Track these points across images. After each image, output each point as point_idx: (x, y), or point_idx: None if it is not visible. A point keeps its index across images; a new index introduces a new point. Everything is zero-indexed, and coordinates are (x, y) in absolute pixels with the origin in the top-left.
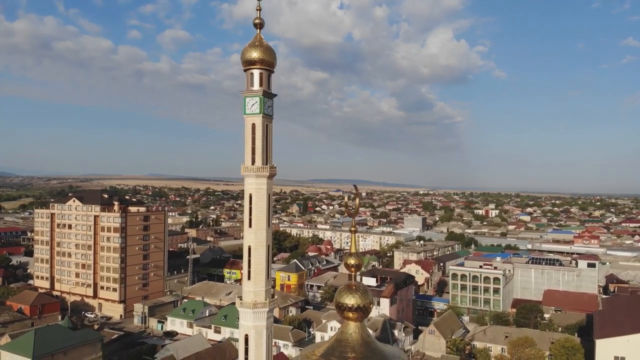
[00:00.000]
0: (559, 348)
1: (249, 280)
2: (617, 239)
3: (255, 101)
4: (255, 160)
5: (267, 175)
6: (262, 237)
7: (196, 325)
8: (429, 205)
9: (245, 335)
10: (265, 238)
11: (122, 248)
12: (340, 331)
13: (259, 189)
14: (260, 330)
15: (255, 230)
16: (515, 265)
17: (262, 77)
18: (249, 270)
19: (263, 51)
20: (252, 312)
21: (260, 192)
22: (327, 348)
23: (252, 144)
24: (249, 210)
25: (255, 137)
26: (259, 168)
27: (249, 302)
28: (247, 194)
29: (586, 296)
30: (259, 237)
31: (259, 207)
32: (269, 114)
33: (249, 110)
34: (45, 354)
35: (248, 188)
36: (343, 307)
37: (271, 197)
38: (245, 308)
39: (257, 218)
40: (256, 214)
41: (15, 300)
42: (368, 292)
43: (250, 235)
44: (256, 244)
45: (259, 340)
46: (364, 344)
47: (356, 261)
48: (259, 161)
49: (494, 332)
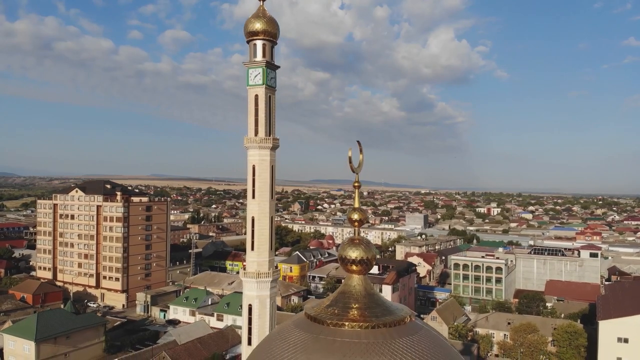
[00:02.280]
0: (562, 333)
1: (252, 251)
2: (619, 235)
3: (258, 72)
4: (258, 131)
5: (270, 147)
6: (265, 208)
7: (198, 313)
8: (431, 203)
9: (248, 305)
10: (269, 209)
11: (124, 237)
12: (344, 284)
13: (262, 160)
14: (264, 299)
15: (258, 202)
16: (517, 256)
17: (265, 48)
18: (253, 240)
19: (266, 22)
20: (255, 281)
21: (264, 163)
22: (331, 300)
23: (255, 116)
24: (252, 181)
25: (258, 109)
26: (262, 139)
27: (252, 272)
28: (250, 166)
29: (589, 286)
30: (262, 208)
31: (262, 178)
32: (272, 85)
33: (252, 81)
34: (48, 337)
35: (251, 159)
36: (346, 261)
37: (274, 168)
38: (249, 278)
39: (260, 189)
40: (259, 186)
41: (18, 289)
42: (371, 246)
43: (254, 206)
44: (260, 214)
45: (262, 310)
46: (367, 295)
47: (360, 216)
48: (262, 132)
49: (497, 318)
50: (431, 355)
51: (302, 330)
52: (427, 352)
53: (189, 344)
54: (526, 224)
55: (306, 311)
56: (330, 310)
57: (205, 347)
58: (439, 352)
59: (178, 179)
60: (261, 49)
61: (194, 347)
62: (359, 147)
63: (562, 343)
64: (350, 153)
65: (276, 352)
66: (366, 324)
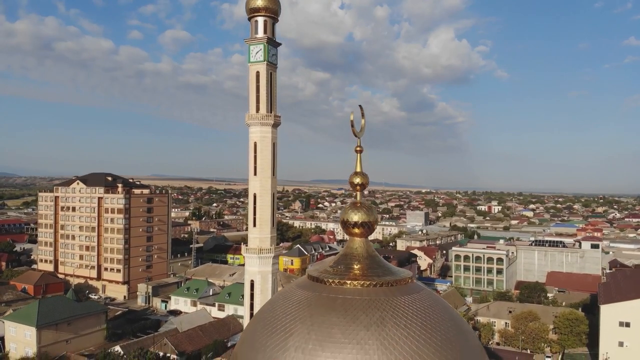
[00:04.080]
0: (563, 320)
1: (254, 227)
2: (620, 232)
3: (259, 49)
4: (260, 108)
5: (272, 124)
6: (267, 185)
7: (200, 304)
8: (432, 202)
9: (250, 281)
10: (270, 186)
11: (125, 229)
12: (346, 246)
13: (264, 137)
14: (266, 275)
15: (260, 178)
16: (518, 248)
17: (267, 25)
18: (254, 217)
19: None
20: (257, 257)
21: (265, 140)
22: (334, 261)
23: (257, 92)
24: (254, 158)
25: (260, 85)
26: (263, 116)
27: (254, 248)
28: (251, 143)
29: (590, 277)
30: (264, 185)
31: (264, 155)
32: (273, 62)
33: (253, 58)
34: (49, 323)
35: (252, 136)
36: (348, 224)
37: (276, 146)
38: (251, 254)
39: (262, 166)
40: (261, 162)
41: (19, 280)
42: (373, 210)
43: (256, 183)
44: (261, 191)
45: (264, 285)
46: (369, 257)
47: (362, 179)
48: (264, 109)
49: (498, 307)
50: (433, 312)
51: (304, 289)
52: (428, 310)
53: (190, 331)
54: (527, 221)
55: (308, 273)
56: (332, 271)
57: (207, 335)
58: (440, 310)
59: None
60: (262, 26)
61: (195, 334)
62: (361, 111)
63: (563, 330)
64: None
65: (279, 311)
66: (368, 282)
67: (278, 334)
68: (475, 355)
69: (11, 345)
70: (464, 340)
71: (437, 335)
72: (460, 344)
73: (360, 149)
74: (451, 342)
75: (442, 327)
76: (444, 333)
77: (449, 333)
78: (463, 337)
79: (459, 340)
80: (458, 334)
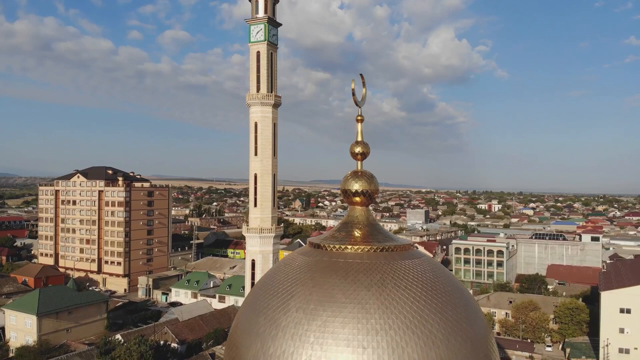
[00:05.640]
0: (564, 309)
1: (255, 207)
2: (620, 230)
3: (260, 28)
4: (260, 87)
5: (272, 104)
6: (267, 165)
7: (200, 296)
8: (432, 201)
9: (252, 260)
10: (271, 166)
11: (126, 222)
12: (347, 215)
13: (264, 117)
14: (267, 255)
15: (261, 158)
16: (518, 241)
17: (267, 5)
18: (255, 197)
19: None
20: (258, 236)
21: (266, 120)
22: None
23: (257, 72)
24: (255, 138)
25: (260, 65)
26: (264, 95)
27: (255, 227)
28: (252, 123)
29: (590, 270)
30: (264, 165)
31: (265, 135)
32: (274, 42)
33: (253, 38)
34: (50, 312)
35: (253, 116)
36: (349, 193)
37: (277, 126)
38: (252, 233)
39: (262, 146)
40: (262, 142)
41: (19, 272)
42: (374, 179)
43: (256, 163)
44: (262, 171)
45: (265, 265)
46: (370, 224)
47: (362, 149)
48: (264, 89)
49: (498, 297)
50: (434, 276)
51: (305, 255)
52: (429, 273)
53: (190, 320)
54: (527, 219)
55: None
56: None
57: (207, 324)
58: (441, 275)
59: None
60: (263, 5)
61: (195, 323)
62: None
63: (564, 319)
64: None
65: (280, 276)
66: (369, 246)
67: (279, 296)
68: (476, 317)
69: (11, 334)
70: (465, 303)
71: (438, 297)
72: (462, 306)
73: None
74: (452, 304)
75: (443, 290)
76: (445, 295)
77: (450, 296)
78: (464, 300)
79: (460, 303)
80: (459, 297)
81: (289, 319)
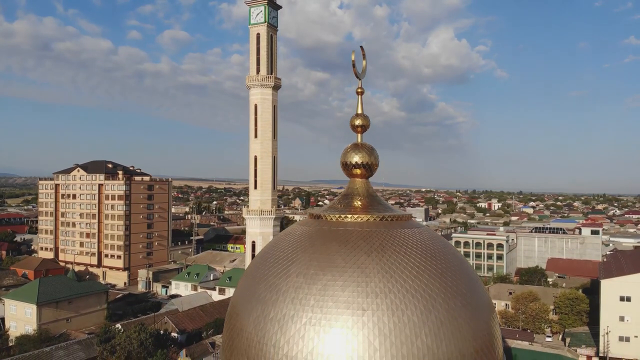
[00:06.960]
0: (564, 300)
1: (255, 189)
2: (620, 227)
3: (260, 10)
4: (260, 69)
5: (272, 86)
6: (267, 147)
7: (200, 288)
8: (432, 200)
9: (252, 242)
10: (271, 148)
11: (126, 216)
12: (347, 187)
13: (264, 99)
14: (267, 237)
15: (261, 141)
16: (518, 234)
17: None
18: (255, 179)
19: None
20: (259, 218)
21: (266, 102)
22: (334, 201)
23: (257, 54)
24: (255, 120)
25: (260, 47)
26: (263, 77)
27: (255, 209)
28: (252, 105)
29: (590, 263)
30: (264, 147)
31: (264, 117)
32: (274, 24)
33: (253, 20)
34: (50, 301)
35: (253, 99)
36: (349, 165)
37: (276, 109)
38: (252, 215)
39: (262, 128)
40: (262, 125)
41: (20, 265)
42: (374, 151)
43: (256, 145)
44: (262, 153)
45: None
46: (369, 196)
47: (362, 121)
48: (264, 71)
49: (498, 289)
50: (432, 244)
51: (306, 226)
52: (428, 242)
53: (190, 311)
54: (527, 217)
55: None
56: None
57: (207, 314)
58: (440, 243)
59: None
60: None
61: (195, 313)
62: (362, 52)
63: (564, 310)
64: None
65: (281, 245)
66: (368, 216)
67: (280, 263)
68: (477, 286)
69: (11, 323)
70: (466, 272)
71: (438, 263)
72: (462, 273)
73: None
74: (452, 270)
75: (443, 258)
76: (445, 262)
77: (450, 263)
78: (464, 269)
79: (460, 271)
80: (459, 266)
81: (289, 284)
